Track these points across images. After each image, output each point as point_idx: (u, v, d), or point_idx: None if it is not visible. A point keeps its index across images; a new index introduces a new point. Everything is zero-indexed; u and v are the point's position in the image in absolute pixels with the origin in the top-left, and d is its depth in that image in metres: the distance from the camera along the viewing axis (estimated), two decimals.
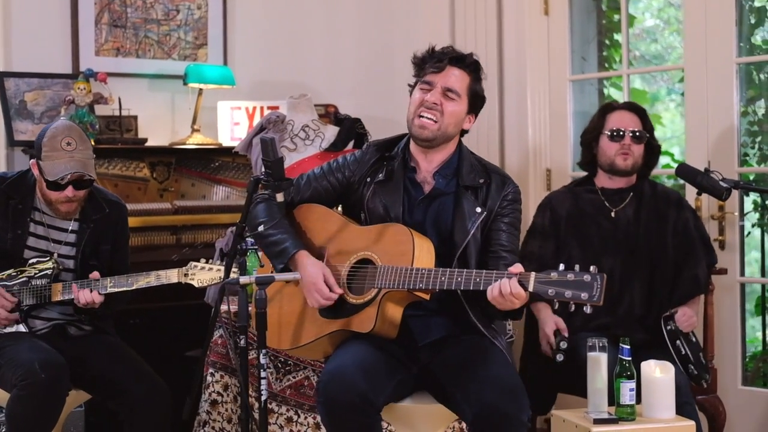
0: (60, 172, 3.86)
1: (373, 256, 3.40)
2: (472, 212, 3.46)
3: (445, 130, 3.48)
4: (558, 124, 5.75)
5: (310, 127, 4.74)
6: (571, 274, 3.02)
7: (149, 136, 5.31)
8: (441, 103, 3.44)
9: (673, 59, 7.52)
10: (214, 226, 5.20)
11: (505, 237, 3.51)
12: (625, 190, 4.40)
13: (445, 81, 3.46)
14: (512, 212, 3.55)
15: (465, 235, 3.44)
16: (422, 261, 3.31)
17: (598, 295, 2.97)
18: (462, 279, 3.20)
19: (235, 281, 3.14)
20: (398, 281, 3.28)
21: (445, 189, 3.54)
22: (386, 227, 3.43)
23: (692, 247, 4.35)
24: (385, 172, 3.54)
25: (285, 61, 5.87)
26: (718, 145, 4.99)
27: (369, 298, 3.36)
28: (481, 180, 3.52)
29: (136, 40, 5.47)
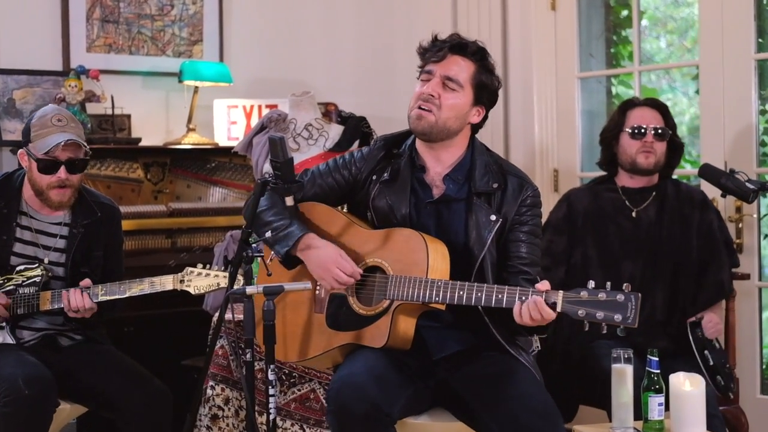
0: (53, 141, 3.68)
1: (384, 263, 3.20)
2: (487, 221, 3.23)
3: (444, 123, 3.24)
4: (566, 122, 5.61)
5: (313, 126, 4.56)
6: (603, 293, 2.85)
7: (143, 136, 5.20)
8: (439, 94, 3.22)
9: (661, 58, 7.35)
10: (211, 229, 5.09)
11: (525, 249, 3.28)
12: (647, 189, 4.23)
13: (445, 69, 3.22)
14: (532, 219, 3.31)
15: (482, 246, 3.22)
16: (437, 270, 3.12)
17: (633, 317, 2.80)
18: (482, 294, 3.01)
19: (242, 291, 2.94)
20: (413, 293, 3.08)
21: (456, 195, 3.31)
22: (396, 232, 3.23)
23: (716, 250, 4.19)
24: (391, 170, 3.33)
25: (283, 58, 5.79)
26: (736, 144, 4.86)
27: (380, 310, 3.17)
28: (495, 184, 3.28)
29: (129, 36, 5.35)
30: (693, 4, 7.00)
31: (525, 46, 5.67)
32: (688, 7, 6.87)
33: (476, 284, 3.04)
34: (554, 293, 2.91)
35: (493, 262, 3.24)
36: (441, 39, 3.29)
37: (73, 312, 3.71)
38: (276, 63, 5.75)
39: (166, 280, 3.72)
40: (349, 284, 3.20)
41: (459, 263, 3.19)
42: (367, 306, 3.21)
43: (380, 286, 3.19)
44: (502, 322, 3.18)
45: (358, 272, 3.19)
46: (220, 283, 3.65)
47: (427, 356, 3.27)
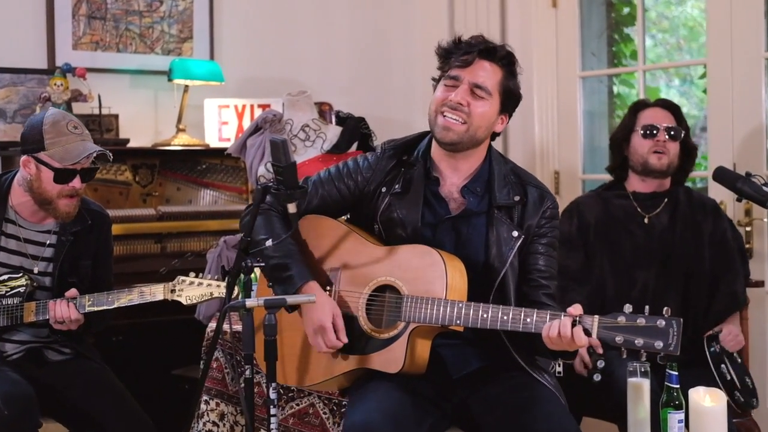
0: (81, 152, 3.52)
1: (397, 282, 3.01)
2: (508, 237, 3.06)
3: (474, 133, 3.04)
4: (567, 123, 5.51)
5: (310, 127, 4.42)
6: (642, 318, 2.70)
7: (131, 137, 5.13)
8: (468, 102, 3.02)
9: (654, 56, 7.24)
10: (202, 234, 5.01)
11: (543, 261, 3.12)
12: (659, 194, 4.11)
13: (473, 76, 3.01)
14: (551, 231, 3.14)
15: (503, 263, 3.05)
16: (456, 290, 2.93)
17: (675, 344, 2.65)
18: (509, 318, 2.83)
19: (241, 304, 2.76)
20: (431, 315, 2.90)
21: (477, 209, 3.12)
22: (409, 248, 3.03)
23: (730, 259, 4.08)
24: (402, 181, 3.13)
25: (276, 56, 5.72)
26: (745, 146, 4.74)
27: (395, 334, 2.98)
28: (517, 197, 3.11)
29: (117, 33, 5.26)
30: (685, 2, 6.96)
31: (525, 44, 5.54)
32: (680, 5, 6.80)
33: (501, 306, 2.86)
34: (589, 318, 2.76)
35: (514, 279, 3.08)
36: (466, 41, 3.07)
37: (59, 323, 3.54)
38: (269, 61, 5.67)
39: (156, 290, 3.56)
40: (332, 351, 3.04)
41: (477, 280, 3.02)
42: (378, 327, 3.03)
43: (393, 306, 3.00)
44: (522, 343, 3.00)
45: (338, 345, 3.00)
46: (213, 292, 3.51)
47: (445, 376, 3.08)
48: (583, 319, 2.75)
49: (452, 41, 3.10)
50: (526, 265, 3.10)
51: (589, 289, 3.99)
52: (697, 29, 7.18)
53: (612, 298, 3.97)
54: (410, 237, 3.07)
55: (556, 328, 2.74)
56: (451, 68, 3.05)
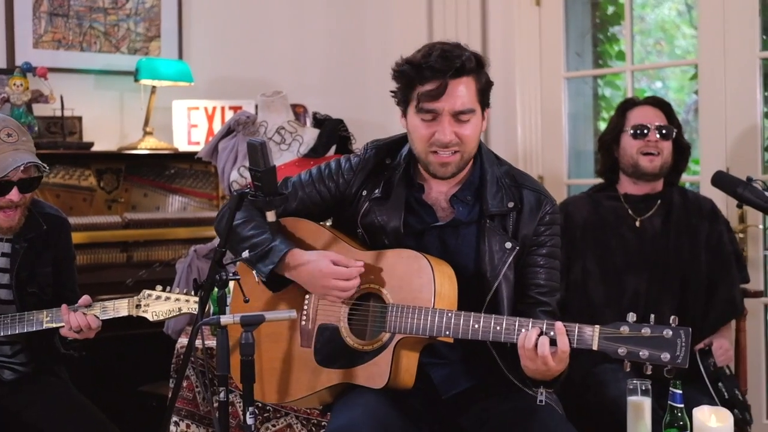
0: (8, 165, 3.25)
1: (381, 290, 2.82)
2: (501, 248, 2.84)
3: (470, 154, 2.84)
4: (551, 126, 5.41)
5: (286, 129, 4.26)
6: (647, 328, 2.51)
7: (95, 140, 4.96)
8: (456, 132, 2.76)
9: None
10: (171, 242, 4.90)
11: (543, 275, 2.90)
12: (651, 197, 3.95)
13: (452, 104, 2.74)
14: (550, 239, 2.92)
15: (495, 277, 2.84)
16: (445, 297, 2.74)
17: (683, 355, 2.47)
18: (502, 329, 2.63)
19: (215, 321, 2.54)
20: (418, 326, 2.71)
21: (467, 218, 2.91)
22: (395, 252, 2.84)
23: (727, 264, 3.93)
24: (383, 186, 2.92)
25: (248, 56, 5.63)
26: (738, 149, 4.62)
27: (379, 345, 2.79)
28: (511, 203, 2.88)
29: (80, 31, 5.14)
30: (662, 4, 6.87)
31: (507, 43, 5.47)
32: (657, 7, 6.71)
33: (494, 316, 2.67)
34: (589, 328, 2.56)
35: (509, 293, 2.87)
36: (428, 65, 2.74)
37: (75, 332, 3.30)
38: (240, 61, 5.59)
39: (120, 305, 3.32)
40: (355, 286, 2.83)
41: (468, 294, 2.82)
42: (362, 339, 2.84)
43: (377, 316, 2.81)
44: (515, 360, 2.76)
45: (355, 273, 2.80)
46: (182, 308, 3.28)
47: (433, 395, 2.88)
48: (582, 329, 2.55)
49: (410, 64, 2.80)
50: (524, 280, 2.90)
51: (572, 292, 3.85)
52: (673, 31, 7.11)
53: (601, 304, 3.84)
54: (392, 245, 2.88)
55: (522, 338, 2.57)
56: (421, 100, 2.77)
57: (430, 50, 2.77)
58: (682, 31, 7.15)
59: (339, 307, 2.86)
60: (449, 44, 2.80)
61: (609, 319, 3.81)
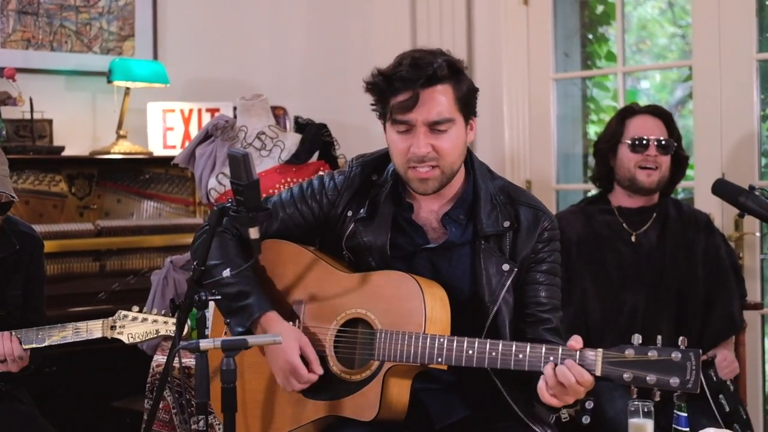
0: None
1: (369, 315, 2.65)
2: (497, 271, 2.69)
3: (451, 168, 2.65)
4: (539, 129, 5.29)
5: (266, 135, 4.08)
6: (653, 351, 2.34)
7: (66, 144, 4.85)
8: (433, 145, 2.60)
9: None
10: (145, 251, 4.79)
11: (544, 292, 2.75)
12: (646, 209, 3.86)
13: (426, 115, 2.58)
14: (550, 255, 2.77)
15: (493, 302, 2.68)
16: (436, 322, 2.58)
17: (694, 380, 2.30)
18: (497, 354, 2.47)
19: (194, 346, 2.36)
20: (408, 353, 2.55)
21: (460, 240, 2.75)
22: (382, 275, 2.68)
23: (725, 278, 3.84)
24: (368, 205, 2.76)
25: (225, 56, 5.53)
26: (735, 155, 4.50)
27: (367, 375, 2.63)
28: (507, 222, 2.71)
29: (51, 30, 5.01)
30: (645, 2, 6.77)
31: (494, 43, 5.35)
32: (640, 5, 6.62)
33: (489, 341, 2.51)
34: (591, 352, 2.41)
35: (510, 317, 2.71)
36: (398, 75, 2.58)
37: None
38: (217, 62, 5.48)
39: (93, 327, 3.21)
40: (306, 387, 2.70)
41: (466, 320, 2.66)
42: (350, 368, 2.68)
43: (365, 343, 2.65)
44: (518, 385, 2.64)
45: (313, 378, 2.66)
46: (160, 329, 3.15)
47: (427, 425, 2.72)
48: (585, 354, 2.40)
49: (380, 75, 2.63)
50: (524, 299, 2.75)
51: (571, 312, 3.73)
52: (654, 30, 7.01)
53: (598, 323, 3.74)
54: (379, 267, 2.73)
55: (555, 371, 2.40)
56: (394, 112, 2.61)
57: (401, 60, 2.61)
58: (664, 29, 7.06)
59: (325, 333, 2.71)
60: (423, 52, 2.63)
61: (607, 337, 3.72)
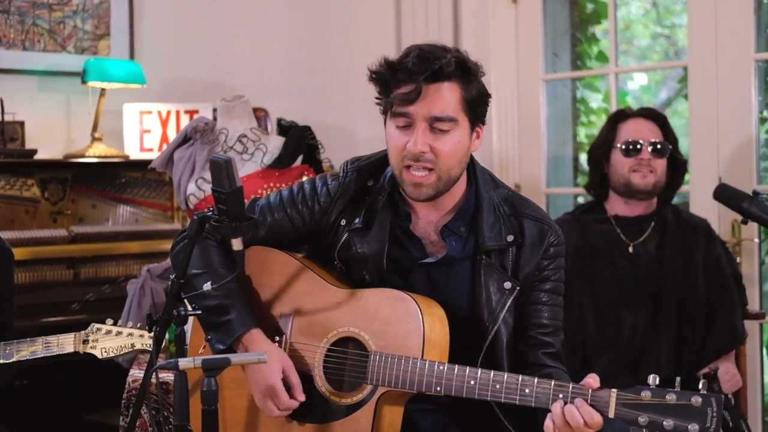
0: None
1: (362, 335, 2.50)
2: (498, 289, 2.54)
3: (449, 174, 2.50)
4: (529, 131, 5.17)
5: (248, 138, 3.94)
6: (672, 394, 2.19)
7: (39, 147, 4.70)
8: (431, 145, 2.45)
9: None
10: (121, 258, 4.64)
11: (547, 313, 2.59)
12: (644, 218, 3.74)
13: (427, 109, 2.43)
14: (554, 273, 2.61)
15: (493, 321, 2.53)
16: (435, 345, 2.44)
17: (714, 427, 2.16)
18: (502, 387, 2.33)
19: (173, 365, 2.19)
20: (404, 379, 2.41)
21: (460, 255, 2.59)
22: (379, 293, 2.52)
23: (726, 288, 3.71)
24: (364, 214, 2.60)
25: (204, 56, 5.38)
26: (732, 158, 4.38)
27: (359, 399, 2.48)
28: (510, 237, 2.57)
29: (22, 29, 4.85)
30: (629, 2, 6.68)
31: (481, 43, 5.21)
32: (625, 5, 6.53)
33: (493, 372, 2.36)
34: (604, 393, 2.25)
35: (509, 338, 2.57)
36: (402, 66, 2.46)
37: None
38: (196, 62, 5.34)
39: (65, 341, 3.04)
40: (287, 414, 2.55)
41: (463, 339, 2.51)
42: (339, 390, 2.52)
43: (357, 365, 2.50)
44: (516, 411, 2.49)
45: (294, 405, 2.50)
46: (135, 344, 2.98)
47: None
48: (597, 394, 2.25)
49: (385, 65, 2.49)
50: (525, 319, 2.59)
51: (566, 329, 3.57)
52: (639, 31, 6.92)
53: (595, 341, 3.62)
54: (375, 283, 2.57)
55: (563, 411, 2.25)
56: (395, 103, 2.47)
57: (410, 51, 2.47)
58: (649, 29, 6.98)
59: (314, 351, 2.55)
60: (435, 46, 2.49)
61: (604, 355, 3.57)
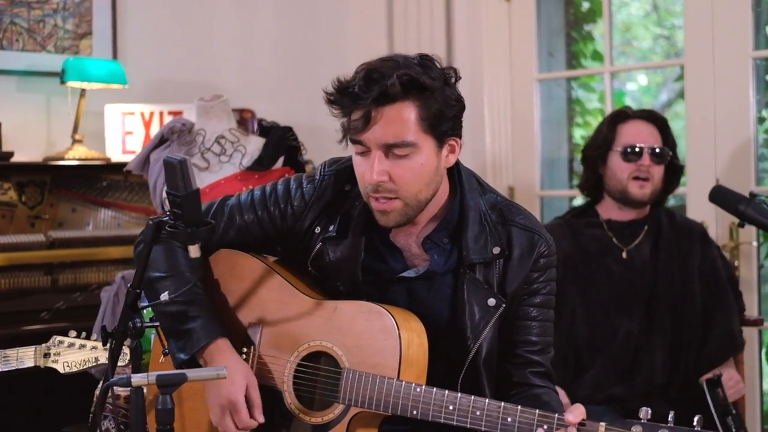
0: None
1: (335, 349, 2.36)
2: (482, 306, 2.38)
3: (416, 199, 2.32)
4: (522, 132, 5.04)
5: (226, 139, 3.84)
6: (665, 429, 2.08)
7: (17, 149, 4.56)
8: (388, 174, 2.28)
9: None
10: (102, 263, 4.48)
11: (536, 330, 2.45)
12: (637, 222, 3.64)
13: (379, 136, 2.25)
14: (545, 286, 2.46)
15: (475, 339, 2.38)
16: (413, 364, 2.31)
17: None
18: (482, 414, 2.20)
19: (125, 382, 2.06)
20: (378, 400, 2.28)
21: (443, 269, 2.44)
22: (354, 306, 2.38)
23: (723, 293, 3.62)
24: (339, 221, 2.44)
25: (189, 56, 5.20)
26: (730, 159, 4.26)
27: (330, 419, 2.35)
28: (497, 249, 2.40)
29: (0, 28, 4.68)
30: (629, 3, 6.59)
31: (474, 42, 5.09)
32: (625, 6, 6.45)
33: (473, 397, 2.23)
34: (592, 426, 2.12)
35: (491, 356, 2.42)
36: (350, 90, 2.26)
37: None
38: (182, 61, 5.16)
39: (24, 355, 2.89)
40: None
41: (441, 356, 2.38)
42: (309, 408, 2.38)
43: (329, 382, 2.36)
44: None
45: (252, 425, 2.36)
46: (99, 357, 2.85)
47: None
48: (585, 429, 2.13)
49: (335, 88, 2.30)
50: (513, 335, 2.45)
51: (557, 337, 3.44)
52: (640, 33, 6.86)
53: (588, 349, 3.52)
54: (349, 294, 2.43)
55: None
56: (349, 132, 2.30)
57: (358, 72, 2.29)
58: (650, 30, 6.91)
59: (283, 365, 2.41)
60: (385, 62, 2.29)
61: (597, 363, 3.45)
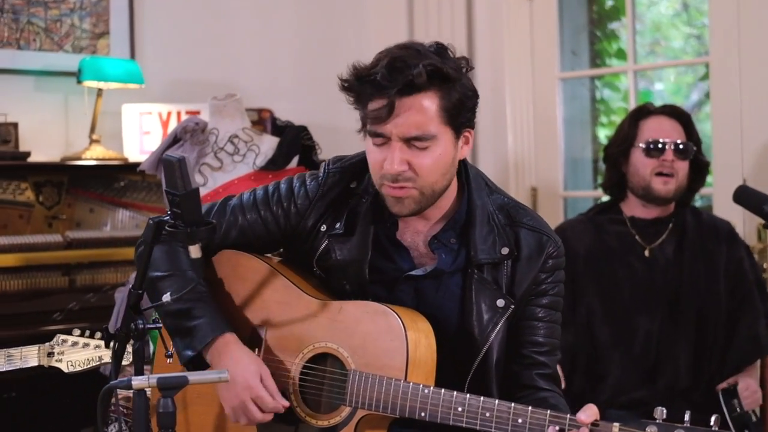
0: None
1: (341, 351, 2.32)
2: (491, 306, 2.35)
3: (432, 189, 2.31)
4: (545, 131, 5.00)
5: (240, 138, 3.84)
6: (681, 430, 2.02)
7: (34, 149, 4.56)
8: (408, 164, 2.26)
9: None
10: (119, 264, 4.47)
11: (543, 331, 2.41)
12: (662, 220, 3.56)
13: (402, 129, 2.22)
14: (553, 287, 2.43)
15: (484, 340, 2.35)
16: (421, 365, 2.27)
17: None
18: (492, 415, 2.15)
19: (126, 384, 2.02)
20: (385, 402, 2.24)
21: (450, 268, 2.40)
22: (360, 306, 2.35)
23: (749, 295, 3.52)
24: (346, 218, 2.41)
25: (208, 55, 5.17)
26: (757, 158, 4.19)
27: (336, 422, 2.31)
28: (505, 250, 2.38)
29: (17, 28, 4.67)
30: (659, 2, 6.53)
31: (495, 41, 5.06)
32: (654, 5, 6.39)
33: (483, 398, 2.18)
34: (605, 426, 2.07)
35: (500, 358, 2.39)
36: (370, 79, 2.24)
37: None
38: (199, 61, 5.14)
39: (28, 354, 2.85)
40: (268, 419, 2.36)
41: (451, 356, 2.34)
42: (316, 411, 2.35)
43: (335, 384, 2.32)
44: None
45: (279, 408, 2.33)
46: (103, 357, 2.82)
47: None
48: (598, 429, 2.08)
49: (353, 75, 2.27)
50: (520, 336, 2.41)
51: (571, 333, 3.44)
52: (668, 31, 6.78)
53: (606, 347, 3.46)
54: (356, 294, 2.39)
55: None
56: (369, 122, 2.26)
57: (379, 59, 2.25)
58: (680, 30, 6.84)
59: (288, 367, 2.38)
60: (408, 50, 2.26)
61: (617, 364, 3.39)
